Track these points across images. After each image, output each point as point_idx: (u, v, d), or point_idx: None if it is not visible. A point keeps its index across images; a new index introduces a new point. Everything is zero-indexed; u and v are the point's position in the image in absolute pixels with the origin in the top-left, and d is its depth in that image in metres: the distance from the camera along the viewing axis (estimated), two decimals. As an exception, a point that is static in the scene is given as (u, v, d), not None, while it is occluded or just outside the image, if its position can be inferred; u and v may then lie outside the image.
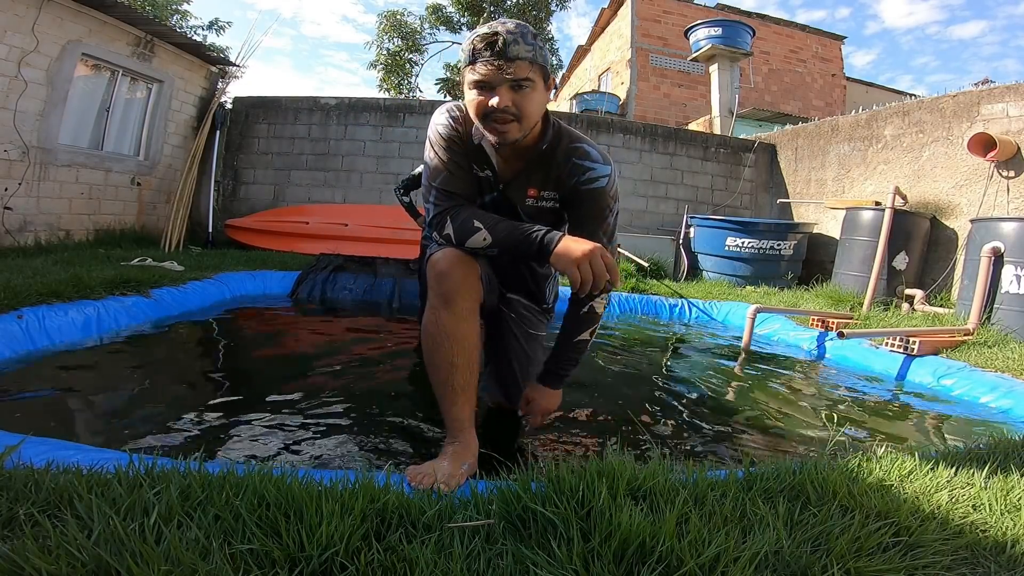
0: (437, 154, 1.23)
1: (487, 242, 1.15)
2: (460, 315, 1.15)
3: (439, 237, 1.22)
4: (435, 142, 1.24)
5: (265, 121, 6.00)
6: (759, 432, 1.78)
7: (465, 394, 1.15)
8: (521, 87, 1.11)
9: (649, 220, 6.26)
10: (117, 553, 0.67)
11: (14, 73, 3.86)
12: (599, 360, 2.60)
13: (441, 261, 1.16)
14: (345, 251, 4.50)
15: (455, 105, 1.28)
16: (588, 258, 1.07)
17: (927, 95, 4.80)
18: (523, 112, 1.13)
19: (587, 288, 1.08)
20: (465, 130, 1.25)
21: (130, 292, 2.65)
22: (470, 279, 1.18)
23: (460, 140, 1.24)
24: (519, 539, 0.81)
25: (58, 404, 1.61)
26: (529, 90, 1.12)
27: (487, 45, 1.08)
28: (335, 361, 2.41)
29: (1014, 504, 1.03)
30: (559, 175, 1.27)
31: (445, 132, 1.24)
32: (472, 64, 1.11)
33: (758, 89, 12.26)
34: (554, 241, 1.11)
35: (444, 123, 1.25)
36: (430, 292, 1.18)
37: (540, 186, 1.28)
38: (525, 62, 1.10)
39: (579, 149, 1.26)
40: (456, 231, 1.17)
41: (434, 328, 1.15)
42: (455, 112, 1.26)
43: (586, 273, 1.07)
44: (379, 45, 17.08)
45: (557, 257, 1.10)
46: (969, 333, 2.98)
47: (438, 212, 1.20)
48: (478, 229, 1.15)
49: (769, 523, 0.87)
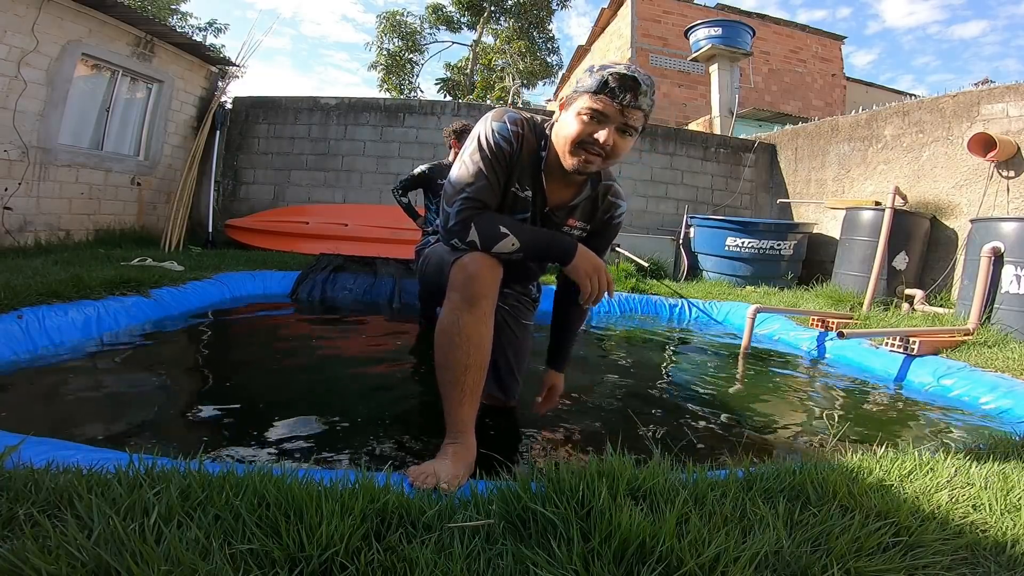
0: (483, 159, 1.18)
1: (515, 247, 1.16)
2: (481, 318, 1.15)
3: (460, 244, 1.18)
4: (484, 148, 1.19)
5: (265, 121, 6.00)
6: (759, 432, 1.78)
7: (473, 396, 1.16)
8: (627, 133, 1.16)
9: (649, 220, 6.26)
10: (117, 553, 0.67)
11: (14, 73, 3.86)
12: (600, 360, 2.60)
13: (471, 264, 1.15)
14: (345, 251, 4.51)
15: (520, 118, 1.23)
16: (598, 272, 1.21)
17: (927, 95, 4.81)
18: (615, 154, 1.17)
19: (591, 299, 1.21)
20: (523, 147, 1.22)
21: (130, 292, 2.65)
22: (495, 284, 1.18)
23: (510, 156, 1.21)
24: (519, 539, 0.81)
25: (58, 404, 1.61)
26: (630, 137, 1.17)
27: (623, 86, 1.10)
28: (335, 361, 2.41)
29: (1014, 504, 1.03)
30: (596, 211, 1.39)
31: (502, 144, 1.19)
32: (596, 94, 1.12)
33: (758, 89, 12.25)
34: (574, 251, 1.21)
35: (503, 134, 1.20)
36: (454, 293, 1.16)
37: (580, 218, 1.37)
38: (643, 114, 1.15)
39: (612, 188, 1.39)
40: (481, 237, 1.15)
41: (454, 328, 1.14)
42: (517, 127, 1.22)
43: (595, 285, 1.20)
44: (379, 46, 17.10)
45: (575, 267, 1.20)
46: (969, 333, 2.98)
47: (461, 219, 1.17)
48: (505, 235, 1.15)
49: (769, 523, 0.87)
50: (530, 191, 1.27)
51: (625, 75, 1.11)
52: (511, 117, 1.22)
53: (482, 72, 17.46)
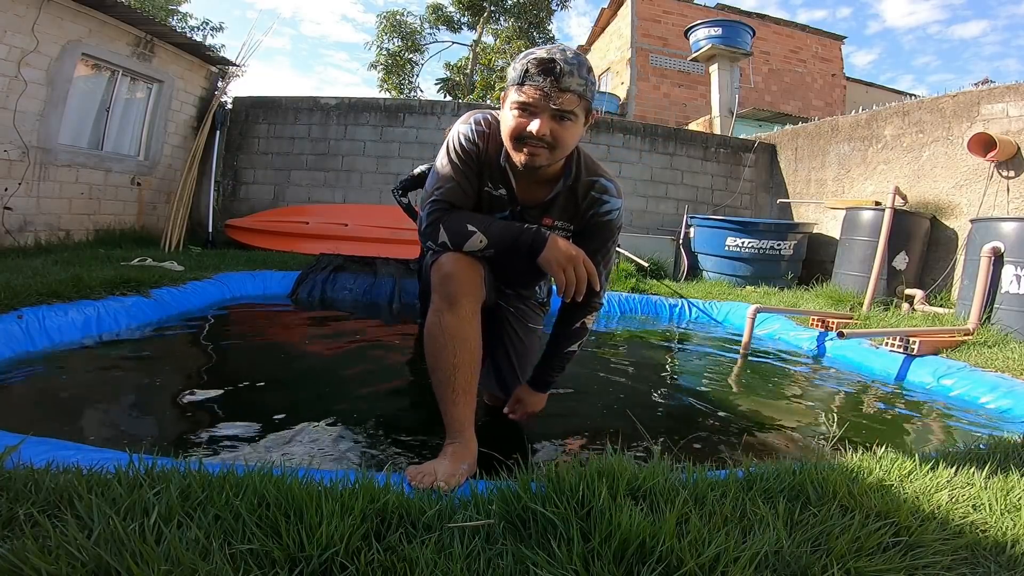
0: (450, 163, 1.20)
1: (484, 243, 1.16)
2: (464, 317, 1.16)
3: (434, 246, 1.20)
4: (452, 150, 1.20)
5: (265, 121, 6.00)
6: (759, 432, 1.78)
7: (466, 395, 1.16)
8: (563, 118, 1.09)
9: (649, 220, 6.26)
10: (117, 553, 0.67)
11: (14, 73, 3.85)
12: (600, 360, 2.60)
13: (446, 264, 1.17)
14: (345, 251, 4.50)
15: (484, 118, 1.23)
16: (573, 263, 1.10)
17: (927, 95, 4.80)
18: (558, 143, 1.11)
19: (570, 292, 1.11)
20: (488, 146, 1.22)
21: (130, 292, 2.65)
22: (474, 282, 1.18)
23: (478, 156, 1.21)
24: (519, 539, 0.81)
25: (58, 404, 1.61)
26: (570, 123, 1.11)
27: (541, 71, 1.06)
28: (335, 361, 2.41)
29: (1014, 504, 1.03)
30: (577, 208, 1.29)
31: (465, 145, 1.20)
32: (520, 85, 1.09)
33: (758, 89, 12.26)
34: (542, 242, 1.13)
35: (467, 136, 1.20)
36: (434, 294, 1.18)
37: (558, 216, 1.29)
38: (575, 95, 1.08)
39: (598, 183, 1.28)
40: (451, 236, 1.16)
41: (437, 329, 1.15)
42: (482, 127, 1.22)
43: (570, 276, 1.10)
44: (379, 46, 17.10)
45: (544, 259, 1.12)
46: (969, 333, 2.98)
47: (430, 222, 1.18)
48: (473, 233, 1.15)
49: (769, 523, 0.87)
50: (504, 189, 1.25)
51: (543, 58, 1.06)
52: (477, 118, 1.23)
53: (482, 72, 17.46)
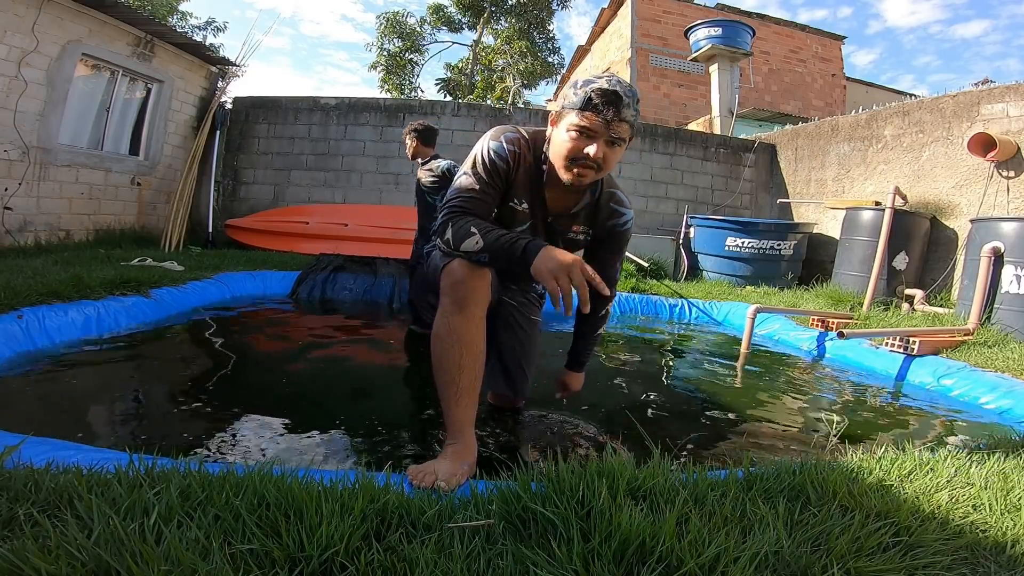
0: (476, 177, 1.24)
1: (478, 246, 1.17)
2: (471, 320, 1.19)
3: (440, 242, 1.24)
4: (480, 164, 1.25)
5: (265, 121, 6.00)
6: (759, 432, 1.78)
7: (469, 396, 1.18)
8: (615, 144, 1.20)
9: (649, 220, 6.26)
10: (117, 553, 0.67)
11: (14, 73, 3.86)
12: (600, 360, 2.60)
13: (456, 270, 1.20)
14: (345, 251, 4.51)
15: (516, 137, 1.28)
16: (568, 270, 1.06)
17: (928, 95, 4.80)
18: (606, 165, 1.22)
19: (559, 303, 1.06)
20: (519, 165, 1.28)
21: (130, 292, 2.65)
22: (483, 287, 1.21)
23: (507, 174, 1.27)
24: (519, 539, 0.81)
25: (58, 404, 1.61)
26: (618, 147, 1.21)
27: (606, 101, 1.14)
28: (335, 361, 2.41)
29: (1014, 504, 1.03)
30: (597, 217, 1.42)
31: (497, 162, 1.25)
32: (583, 111, 1.16)
33: (758, 89, 12.25)
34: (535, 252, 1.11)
35: (499, 153, 1.26)
36: (444, 297, 1.21)
37: (583, 223, 1.42)
38: (628, 125, 1.19)
39: (615, 196, 1.43)
40: (453, 235, 1.19)
41: (445, 331, 1.18)
42: (514, 147, 1.27)
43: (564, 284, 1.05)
44: (379, 46, 17.09)
45: (536, 268, 1.10)
46: (969, 333, 2.98)
47: (444, 220, 1.23)
48: (472, 234, 1.17)
49: (769, 523, 0.87)
50: (527, 204, 1.33)
51: (607, 90, 1.15)
52: (509, 136, 1.28)
53: (482, 72, 17.46)
